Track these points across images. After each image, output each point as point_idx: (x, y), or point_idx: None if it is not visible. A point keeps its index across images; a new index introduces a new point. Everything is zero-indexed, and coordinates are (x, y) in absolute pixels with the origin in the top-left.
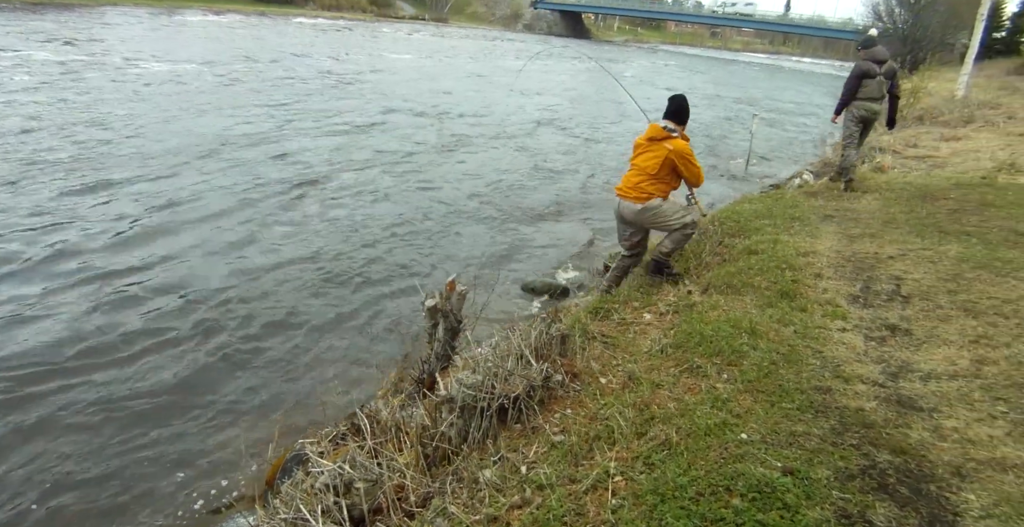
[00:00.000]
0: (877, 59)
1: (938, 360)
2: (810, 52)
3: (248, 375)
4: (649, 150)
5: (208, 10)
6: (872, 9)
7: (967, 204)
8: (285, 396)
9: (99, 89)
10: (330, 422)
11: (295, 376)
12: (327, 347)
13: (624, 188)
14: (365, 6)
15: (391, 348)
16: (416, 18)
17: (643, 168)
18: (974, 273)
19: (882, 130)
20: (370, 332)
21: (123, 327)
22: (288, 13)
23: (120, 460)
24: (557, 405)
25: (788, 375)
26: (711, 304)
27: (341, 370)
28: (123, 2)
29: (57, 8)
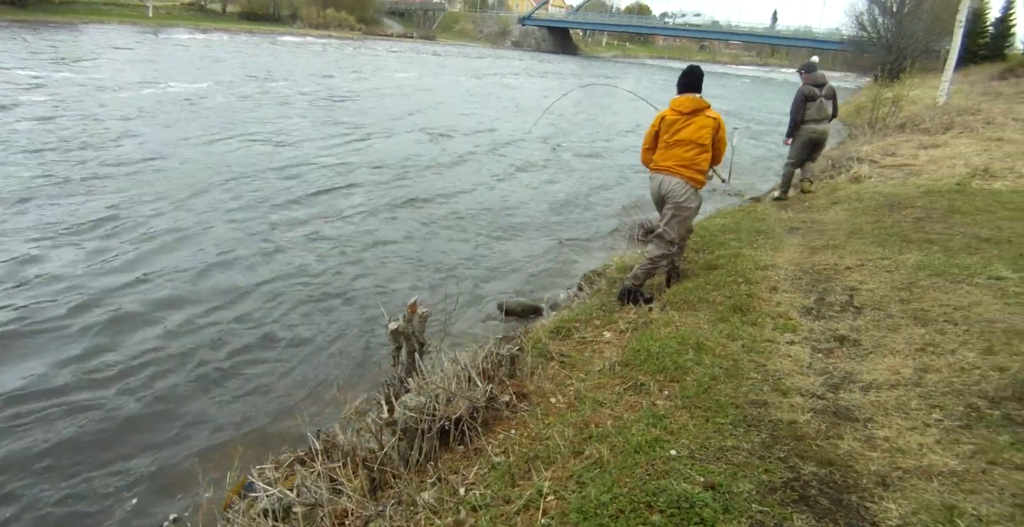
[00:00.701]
0: (818, 83)
1: (881, 370)
2: (798, 63)
3: (215, 399)
4: (693, 122)
5: (195, 29)
6: (855, 19)
7: (933, 212)
8: (251, 420)
9: (116, 109)
10: (292, 447)
11: (263, 399)
12: (300, 370)
13: (674, 164)
14: (353, 24)
15: (363, 370)
16: (404, 36)
17: (695, 140)
18: (929, 281)
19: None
20: (346, 354)
21: (94, 348)
22: (275, 31)
23: (74, 483)
24: (502, 426)
25: (727, 390)
26: (666, 321)
27: (311, 393)
28: (109, 20)
29: (47, 26)
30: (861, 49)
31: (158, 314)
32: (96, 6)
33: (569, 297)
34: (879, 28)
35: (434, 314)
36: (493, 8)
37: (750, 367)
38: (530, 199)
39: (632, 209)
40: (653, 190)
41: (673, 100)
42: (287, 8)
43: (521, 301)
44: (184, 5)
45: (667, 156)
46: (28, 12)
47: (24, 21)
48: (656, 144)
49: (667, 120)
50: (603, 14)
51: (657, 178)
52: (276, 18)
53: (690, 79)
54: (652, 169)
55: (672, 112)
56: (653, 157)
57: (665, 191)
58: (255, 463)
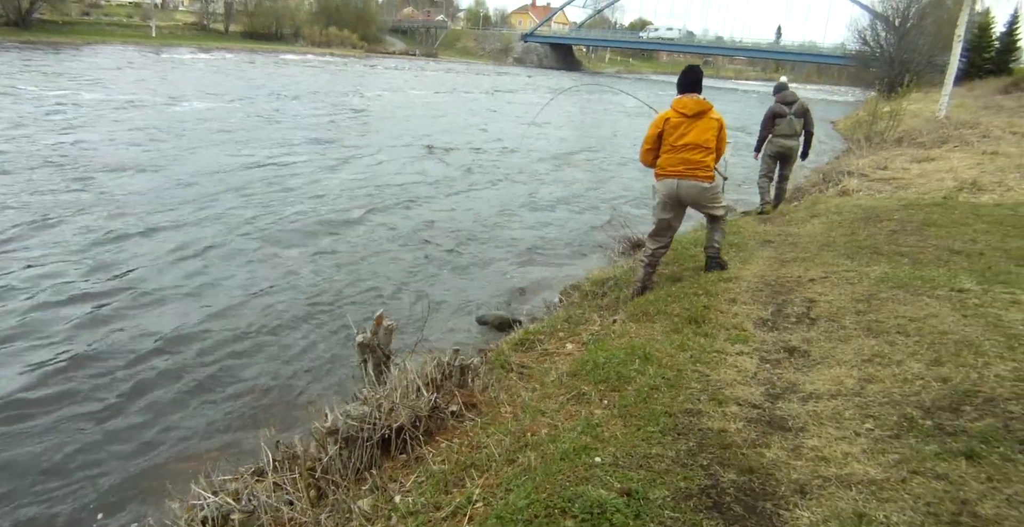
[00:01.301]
0: (787, 101)
1: (825, 380)
2: (802, 78)
3: (191, 408)
4: (697, 125)
5: (198, 48)
6: (857, 34)
7: (909, 225)
8: (223, 431)
9: (138, 127)
10: (256, 459)
11: (238, 410)
12: (278, 382)
13: (684, 168)
14: (355, 42)
15: (338, 382)
16: (406, 53)
17: (701, 143)
18: (890, 293)
19: (857, 158)
20: (323, 366)
21: (76, 357)
22: (277, 50)
23: (38, 494)
24: (446, 435)
25: (664, 399)
26: (621, 332)
27: (288, 404)
28: (112, 40)
29: (53, 47)
30: (864, 64)
31: (140, 323)
32: (99, 26)
33: (547, 310)
34: (881, 43)
35: (410, 326)
36: (496, 26)
37: (693, 377)
38: (521, 211)
39: (618, 224)
40: (667, 193)
41: (676, 101)
42: (289, 27)
43: (498, 314)
44: (187, 25)
45: (675, 160)
46: (31, 33)
47: (28, 42)
48: (658, 145)
49: (671, 122)
50: (605, 30)
51: (671, 182)
52: (279, 37)
53: (690, 78)
54: (661, 174)
55: (676, 114)
56: (659, 161)
57: (685, 195)
58: (223, 474)
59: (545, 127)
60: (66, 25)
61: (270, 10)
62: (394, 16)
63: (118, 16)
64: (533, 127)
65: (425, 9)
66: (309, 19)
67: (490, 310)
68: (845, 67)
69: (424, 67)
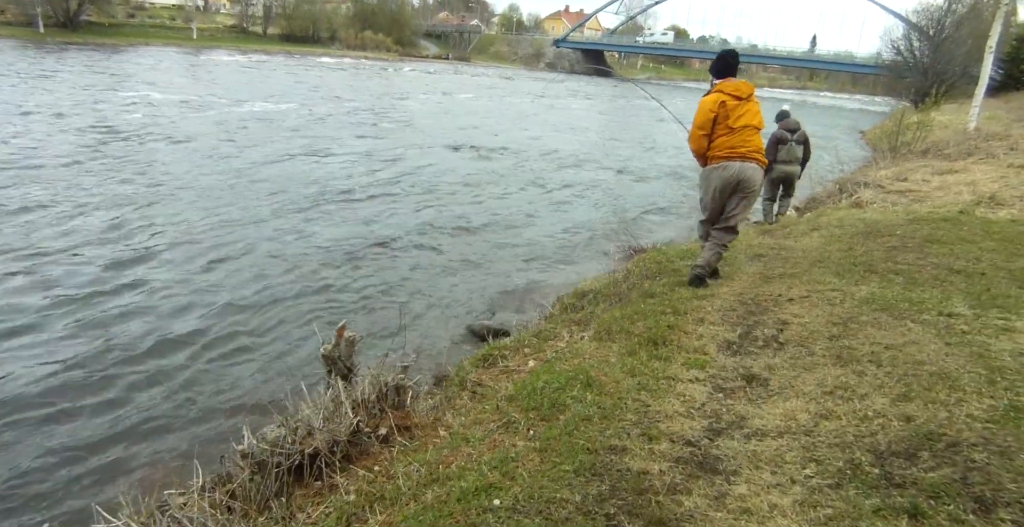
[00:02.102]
0: (790, 128)
1: (777, 414)
2: (837, 87)
3: (146, 423)
4: (748, 107)
5: (235, 50)
6: (891, 43)
7: (911, 241)
8: (178, 444)
9: (220, 126)
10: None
11: (202, 421)
12: (249, 395)
13: (746, 151)
14: (390, 45)
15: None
16: (439, 57)
17: (756, 125)
18: (871, 316)
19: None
20: (294, 375)
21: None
22: (313, 52)
23: None
24: (367, 461)
25: (591, 432)
26: (575, 352)
27: (254, 418)
28: (154, 42)
29: (104, 48)
30: (898, 74)
31: (133, 322)
32: (143, 28)
33: (538, 320)
34: (915, 52)
35: (406, 333)
36: (528, 31)
37: (632, 407)
38: (540, 214)
39: (623, 233)
40: (726, 178)
41: (726, 84)
42: (326, 30)
43: (488, 324)
44: (227, 27)
45: (737, 142)
46: (79, 34)
47: (74, 43)
48: (714, 130)
49: (729, 105)
50: (638, 37)
51: (732, 166)
52: (315, 40)
53: (730, 62)
54: (720, 157)
55: (730, 97)
56: (716, 143)
57: (745, 178)
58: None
59: (585, 132)
60: (111, 27)
61: (307, 13)
62: (429, 21)
63: (161, 18)
64: (570, 131)
65: (460, 14)
66: (345, 22)
67: (482, 318)
68: (880, 77)
69: (460, 71)
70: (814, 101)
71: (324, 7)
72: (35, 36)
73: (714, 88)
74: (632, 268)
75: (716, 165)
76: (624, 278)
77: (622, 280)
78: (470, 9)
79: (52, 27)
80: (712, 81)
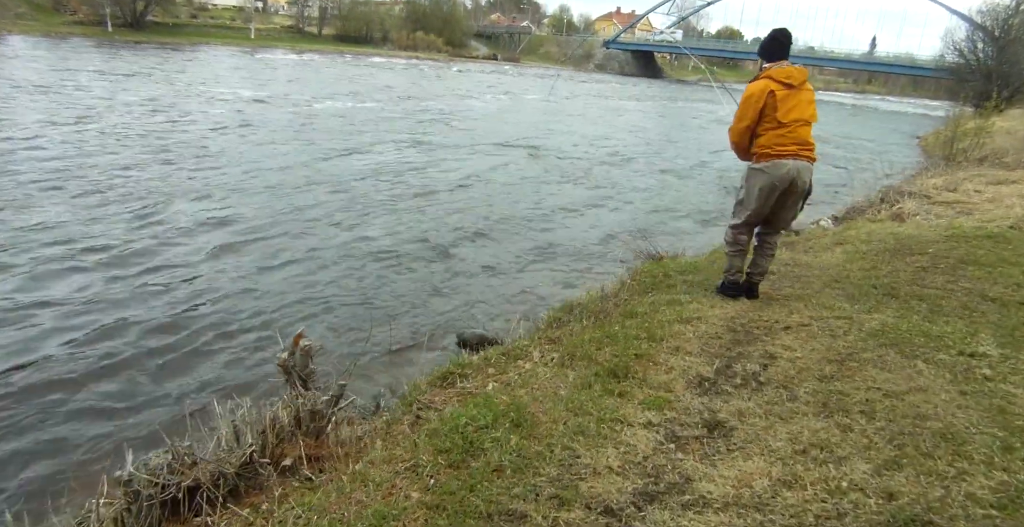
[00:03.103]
0: None
1: (729, 478)
2: (897, 91)
3: (95, 430)
4: (801, 97)
5: (290, 50)
6: (953, 45)
7: (944, 261)
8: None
9: (309, 121)
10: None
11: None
12: (189, 402)
13: (798, 148)
14: (440, 46)
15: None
16: (489, 58)
17: (810, 119)
18: (877, 352)
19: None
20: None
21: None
22: (365, 52)
23: None
24: (257, 497)
25: (496, 489)
26: (523, 381)
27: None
28: (214, 41)
29: (165, 47)
30: (960, 77)
31: (142, 307)
32: (204, 28)
33: (521, 335)
34: (979, 55)
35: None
36: (579, 32)
37: (559, 457)
38: (564, 214)
39: (640, 238)
40: (778, 177)
41: (776, 70)
42: (379, 31)
43: (479, 333)
44: (283, 28)
45: (788, 138)
46: (145, 34)
47: (141, 42)
48: (760, 122)
49: (779, 95)
50: (690, 38)
51: (784, 164)
52: (368, 40)
53: (782, 43)
54: (771, 154)
55: (780, 85)
56: (760, 139)
57: (799, 178)
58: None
59: (640, 133)
60: (175, 26)
61: (361, 14)
62: (480, 22)
63: (222, 19)
64: (625, 132)
65: (511, 15)
66: (397, 23)
67: (471, 327)
68: (941, 80)
69: (522, 73)
70: (875, 105)
71: (377, 8)
72: (105, 35)
73: (762, 73)
74: (627, 281)
75: (765, 163)
76: (615, 292)
77: (611, 295)
78: (522, 10)
79: (119, 26)
80: (761, 65)
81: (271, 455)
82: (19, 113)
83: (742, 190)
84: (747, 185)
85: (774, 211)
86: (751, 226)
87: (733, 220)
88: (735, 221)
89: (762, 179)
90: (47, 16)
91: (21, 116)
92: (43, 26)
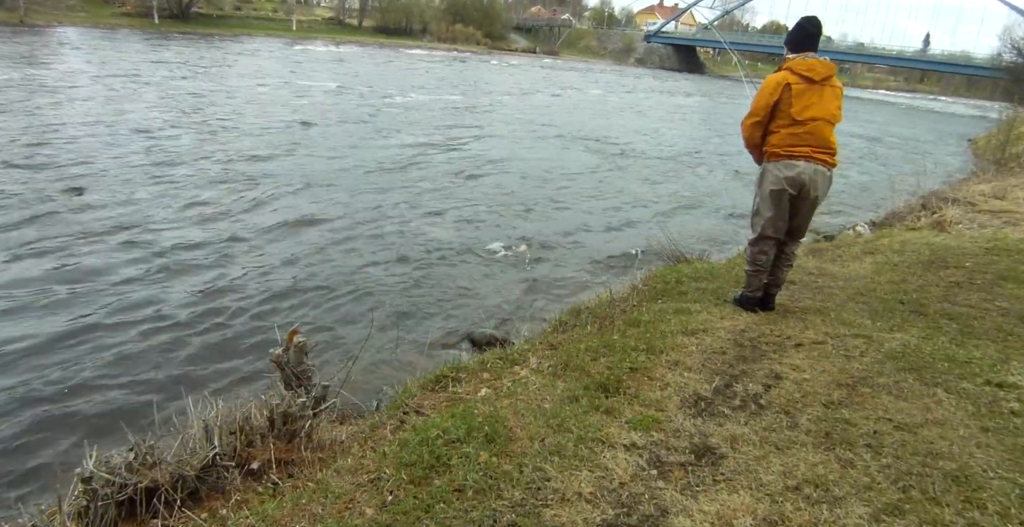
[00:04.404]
0: None
1: (710, 514)
2: (950, 91)
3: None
4: (822, 94)
5: (329, 41)
6: (1011, 44)
7: (981, 276)
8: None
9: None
10: None
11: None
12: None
13: (811, 150)
14: (479, 39)
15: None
16: (528, 51)
17: (831, 119)
18: (894, 377)
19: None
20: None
21: None
22: (405, 44)
23: None
24: (217, 501)
25: (452, 512)
26: (513, 389)
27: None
28: (256, 33)
29: (210, 38)
30: (1017, 77)
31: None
32: (247, 20)
33: (542, 330)
34: None
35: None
36: (619, 25)
37: (527, 479)
38: (605, 212)
39: (663, 239)
40: (787, 180)
41: (796, 62)
42: (418, 23)
43: (489, 333)
44: (324, 20)
45: (800, 138)
46: (190, 25)
47: (187, 33)
48: (773, 118)
49: (795, 90)
50: (735, 33)
51: (795, 166)
52: (408, 32)
53: (810, 32)
54: (782, 154)
55: (798, 79)
56: (773, 138)
57: (811, 183)
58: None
59: (690, 128)
60: (219, 18)
61: (402, 6)
62: (520, 14)
63: (265, 11)
64: (675, 127)
65: (552, 8)
66: (437, 15)
67: (481, 326)
68: (998, 80)
69: (566, 66)
70: (927, 105)
71: (417, 0)
72: (152, 26)
73: (783, 65)
74: (639, 286)
75: (775, 163)
76: (624, 297)
77: (619, 300)
78: (562, 3)
79: (165, 18)
80: (786, 55)
81: (239, 457)
82: (128, 102)
83: (755, 198)
84: (759, 191)
85: (790, 218)
86: (770, 240)
87: (751, 235)
88: (752, 236)
89: (772, 181)
90: (95, 8)
91: (131, 104)
92: (92, 18)
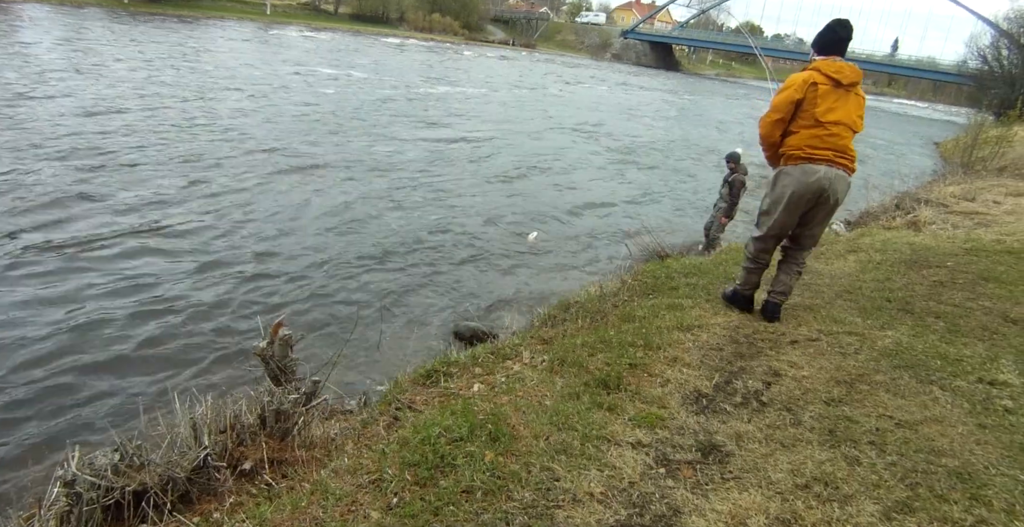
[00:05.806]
0: (745, 171)
1: (723, 513)
2: (917, 95)
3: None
4: (848, 100)
5: (306, 27)
6: (977, 51)
7: (963, 276)
8: None
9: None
10: None
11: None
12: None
13: (833, 154)
14: (457, 29)
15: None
16: (504, 43)
17: (851, 124)
18: (890, 375)
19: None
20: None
21: None
22: (381, 32)
23: None
24: (209, 504)
25: (463, 514)
26: (509, 385)
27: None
28: (229, 16)
29: (185, 21)
30: (981, 83)
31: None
32: (219, 2)
33: (531, 324)
34: (1003, 62)
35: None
36: (593, 14)
37: (536, 479)
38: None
39: (645, 232)
40: (807, 184)
41: (826, 63)
42: (395, 11)
43: (474, 326)
44: (300, 4)
45: (822, 141)
46: (159, 6)
47: (157, 14)
48: (796, 117)
49: (821, 90)
50: (710, 32)
51: (816, 170)
52: (384, 20)
53: (840, 35)
54: (799, 157)
55: (825, 79)
56: (795, 137)
57: (831, 189)
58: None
59: (671, 124)
60: (190, 0)
61: None
62: (499, 6)
63: None
64: (663, 123)
65: (530, 0)
66: (414, 4)
67: (465, 320)
68: (963, 87)
69: (561, 61)
70: (894, 109)
71: None
72: (119, 6)
73: (810, 65)
74: (628, 281)
75: (794, 166)
76: (615, 292)
77: (610, 295)
78: None
79: None
80: (812, 57)
81: (230, 457)
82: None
83: (766, 198)
84: (771, 192)
85: (801, 225)
86: (776, 239)
87: (755, 232)
88: (757, 233)
89: (788, 185)
90: None
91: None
92: None
